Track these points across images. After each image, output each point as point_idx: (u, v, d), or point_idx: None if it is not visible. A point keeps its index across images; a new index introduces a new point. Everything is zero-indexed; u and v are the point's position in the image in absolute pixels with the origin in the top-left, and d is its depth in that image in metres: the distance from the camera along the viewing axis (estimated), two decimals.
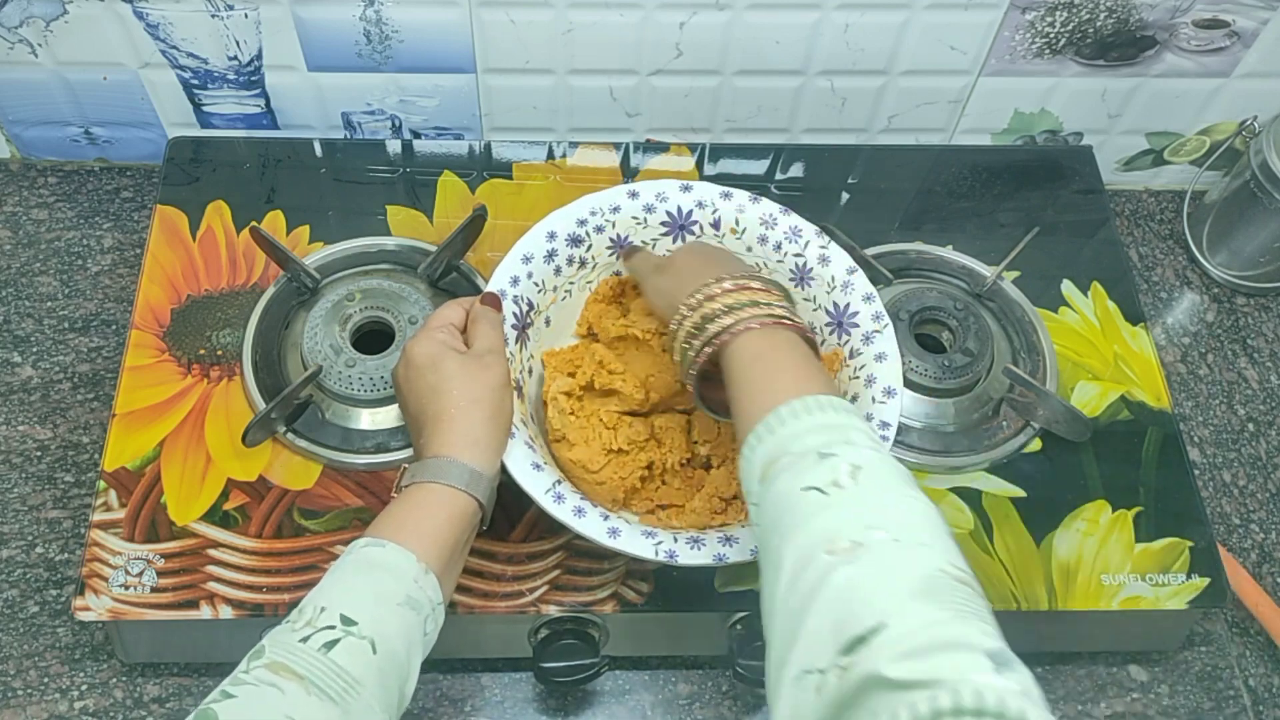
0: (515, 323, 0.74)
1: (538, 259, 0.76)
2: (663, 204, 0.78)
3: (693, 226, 0.78)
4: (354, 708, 0.54)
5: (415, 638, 0.59)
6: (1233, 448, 0.93)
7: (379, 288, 0.83)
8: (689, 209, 0.78)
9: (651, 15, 0.89)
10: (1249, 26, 0.91)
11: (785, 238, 0.78)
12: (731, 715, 0.80)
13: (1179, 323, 1.00)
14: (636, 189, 0.78)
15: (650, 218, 0.78)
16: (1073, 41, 0.92)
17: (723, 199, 0.78)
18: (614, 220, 0.78)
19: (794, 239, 0.77)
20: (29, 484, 0.85)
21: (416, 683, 0.59)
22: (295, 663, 0.54)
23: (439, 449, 0.64)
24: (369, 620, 0.57)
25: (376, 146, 0.95)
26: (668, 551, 0.66)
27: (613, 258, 0.79)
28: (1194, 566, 0.78)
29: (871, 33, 0.91)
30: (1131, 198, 1.07)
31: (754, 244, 0.78)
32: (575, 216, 0.77)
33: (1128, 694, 0.82)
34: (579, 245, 0.77)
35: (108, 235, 0.98)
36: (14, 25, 0.89)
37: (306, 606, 0.58)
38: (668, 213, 0.78)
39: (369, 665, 0.56)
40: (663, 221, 0.78)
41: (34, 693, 0.77)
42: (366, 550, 0.60)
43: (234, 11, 0.88)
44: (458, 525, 0.62)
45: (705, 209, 0.78)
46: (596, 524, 0.66)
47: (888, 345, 0.74)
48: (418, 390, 0.67)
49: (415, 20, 0.89)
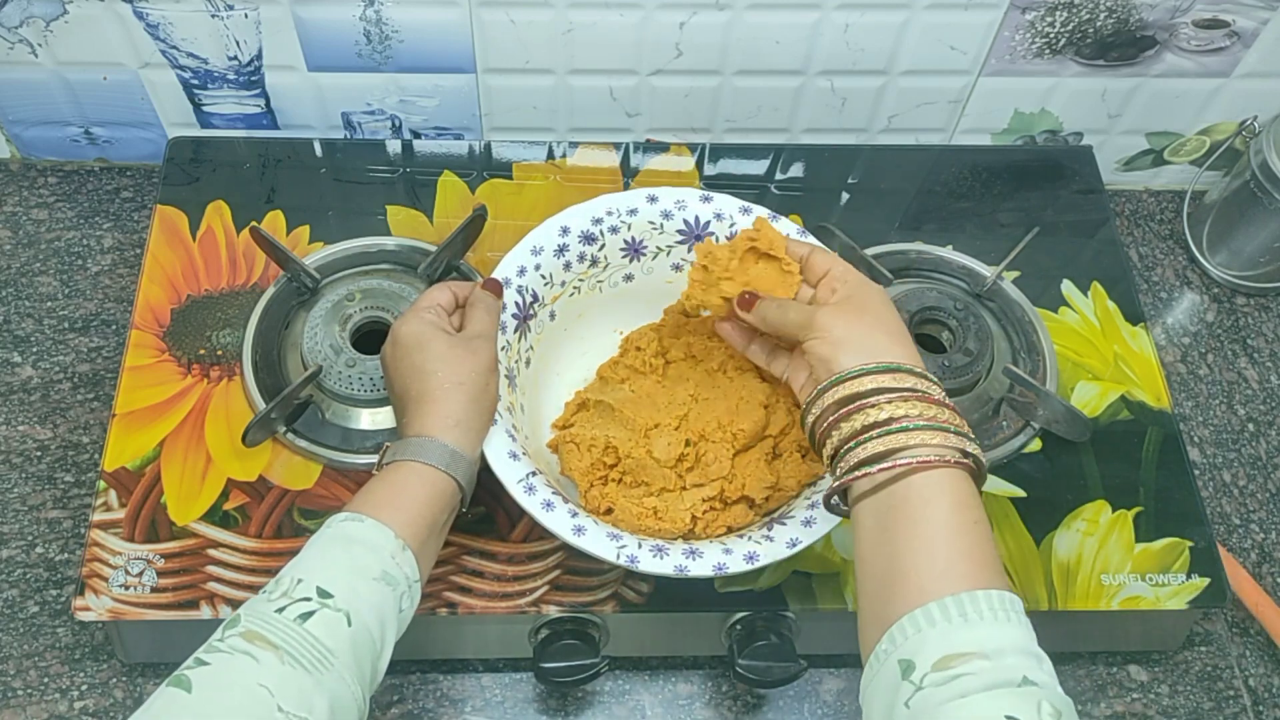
0: (517, 312, 0.74)
1: (548, 252, 0.76)
2: (681, 211, 0.78)
3: (709, 238, 0.78)
4: (327, 679, 0.55)
5: (390, 613, 0.59)
6: (1233, 448, 0.93)
7: (379, 288, 0.83)
8: (707, 219, 0.78)
9: (651, 15, 0.89)
10: (1249, 26, 0.91)
11: None
12: (731, 715, 0.80)
13: (1179, 323, 1.00)
14: (656, 194, 0.78)
15: (667, 224, 0.78)
16: (1073, 41, 0.92)
17: (742, 214, 0.77)
18: (630, 222, 0.77)
19: None
20: (29, 484, 0.85)
21: (390, 660, 0.60)
22: (270, 632, 0.55)
23: (421, 428, 0.64)
24: (344, 593, 0.57)
25: (376, 146, 0.95)
26: (629, 556, 0.65)
27: (624, 259, 0.79)
28: (1194, 566, 0.78)
29: (871, 33, 0.91)
30: (1131, 198, 1.07)
31: None
32: (591, 214, 0.77)
33: (1128, 694, 0.82)
34: (592, 243, 0.77)
35: (108, 235, 0.98)
36: (14, 25, 0.89)
37: (283, 578, 0.58)
38: (685, 221, 0.78)
39: (343, 637, 0.56)
40: (679, 229, 0.78)
41: (34, 693, 0.77)
42: (344, 525, 0.61)
43: (234, 11, 0.88)
44: (436, 504, 0.63)
45: (723, 221, 0.78)
46: (563, 520, 0.66)
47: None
48: (403, 370, 0.67)
49: (415, 20, 0.89)
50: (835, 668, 0.81)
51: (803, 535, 0.67)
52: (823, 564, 0.76)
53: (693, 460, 0.72)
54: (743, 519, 0.72)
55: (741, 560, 0.66)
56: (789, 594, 0.75)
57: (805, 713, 0.80)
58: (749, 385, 0.74)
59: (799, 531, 0.67)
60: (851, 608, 0.74)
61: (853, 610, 0.74)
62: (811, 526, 0.68)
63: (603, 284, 0.79)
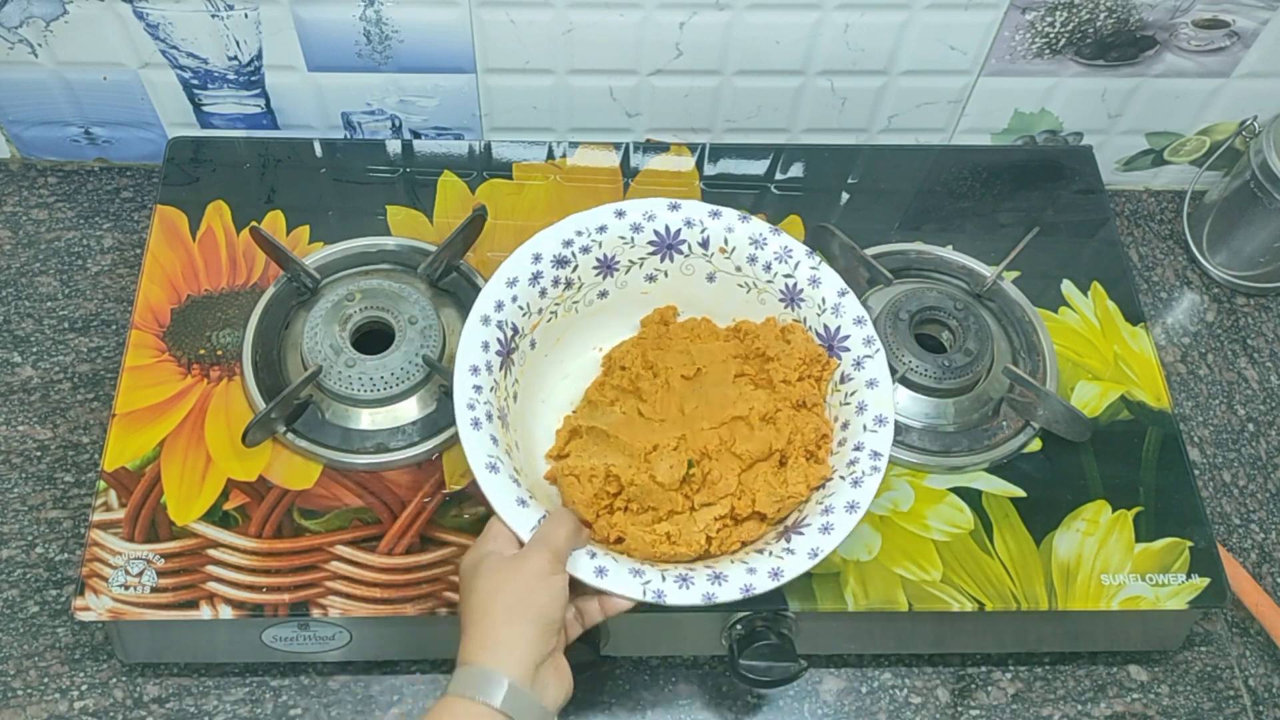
0: (500, 349, 0.72)
1: (523, 282, 0.74)
2: (650, 223, 0.77)
3: (680, 246, 0.77)
4: None
5: None
6: (1233, 448, 0.93)
7: (379, 288, 0.83)
8: (677, 228, 0.77)
9: (651, 15, 0.89)
10: (1249, 26, 0.91)
11: (775, 258, 0.76)
12: (731, 715, 0.80)
13: (1179, 323, 1.00)
14: (623, 208, 0.77)
15: (638, 237, 0.77)
16: (1073, 41, 0.92)
17: (712, 218, 0.77)
18: (600, 240, 0.76)
19: (784, 259, 0.76)
20: (29, 484, 0.85)
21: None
22: None
23: (460, 656, 0.62)
24: None
25: (376, 146, 0.95)
26: (655, 592, 0.65)
27: (598, 277, 0.78)
28: (1194, 566, 0.78)
29: (871, 33, 0.91)
30: (1131, 198, 1.07)
31: (743, 263, 0.77)
32: (561, 237, 0.76)
33: (1128, 694, 0.82)
34: (565, 266, 0.76)
35: (108, 235, 0.98)
36: (14, 25, 0.89)
37: None
38: (655, 232, 0.77)
39: None
40: (650, 241, 0.77)
41: (34, 693, 0.77)
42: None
43: (234, 11, 0.88)
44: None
45: (694, 228, 0.77)
46: (583, 563, 0.65)
47: (879, 371, 0.73)
48: (460, 601, 0.65)
49: (415, 20, 0.89)
50: (835, 668, 0.81)
51: (822, 544, 0.67)
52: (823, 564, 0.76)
53: (700, 480, 0.71)
54: (756, 532, 0.71)
55: (767, 579, 0.65)
56: (789, 594, 0.75)
57: (805, 713, 0.80)
58: (744, 395, 0.73)
59: (818, 540, 0.67)
60: (851, 608, 0.74)
61: (853, 610, 0.74)
62: (830, 533, 0.67)
63: (578, 304, 0.78)
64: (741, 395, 0.73)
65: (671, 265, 0.78)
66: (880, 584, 0.75)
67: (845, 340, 0.74)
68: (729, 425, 0.72)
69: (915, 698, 0.81)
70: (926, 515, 0.78)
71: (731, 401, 0.72)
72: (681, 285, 0.79)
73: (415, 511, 0.77)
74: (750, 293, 0.78)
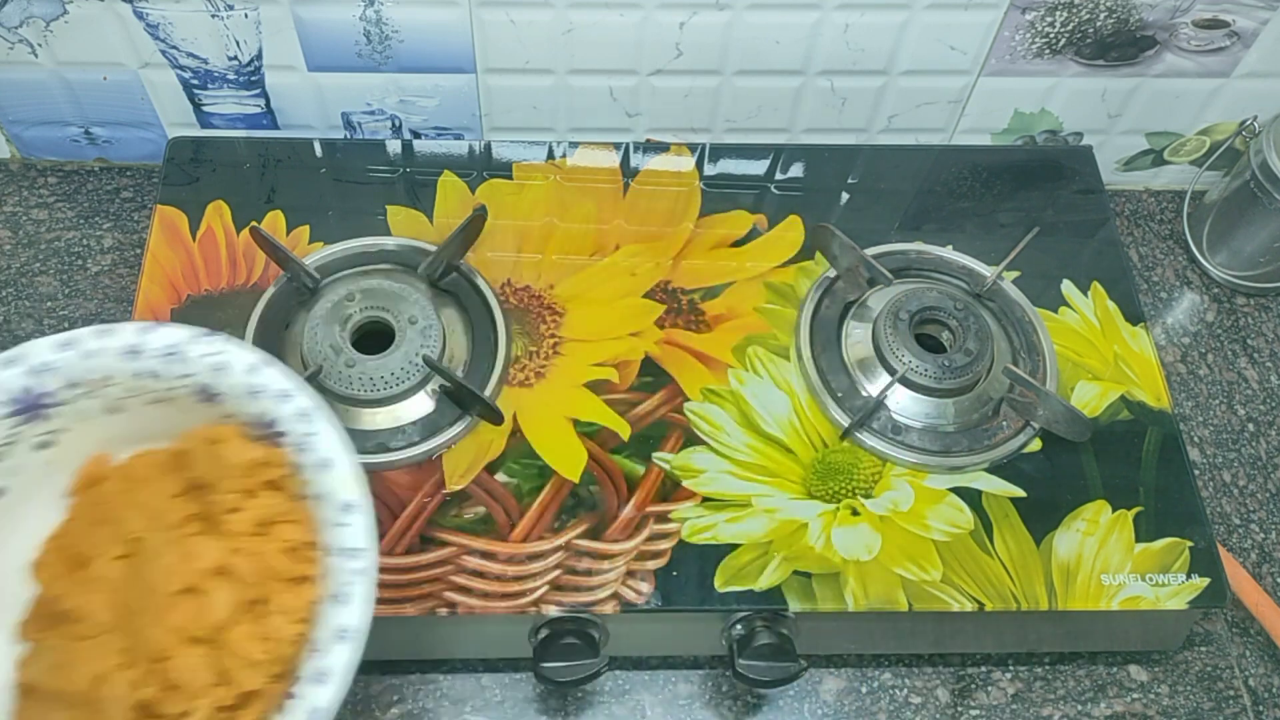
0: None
1: None
2: None
3: (46, 400, 0.60)
4: None
5: None
6: (1233, 448, 0.93)
7: (379, 288, 0.83)
8: (26, 385, 0.59)
9: (651, 15, 0.89)
10: (1249, 26, 0.91)
11: (160, 361, 0.61)
12: (731, 715, 0.80)
13: (1179, 323, 1.00)
14: None
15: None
16: (1073, 41, 0.93)
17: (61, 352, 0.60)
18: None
19: (172, 359, 0.61)
20: None
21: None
22: None
23: None
24: None
25: (376, 146, 0.95)
26: None
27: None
28: (1194, 566, 0.78)
29: (871, 33, 0.91)
30: (1131, 198, 1.07)
31: (129, 379, 0.62)
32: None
33: (1128, 694, 0.82)
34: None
35: (108, 235, 0.98)
36: (14, 25, 0.89)
37: None
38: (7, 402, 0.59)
39: None
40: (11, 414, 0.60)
41: None
42: None
43: (234, 11, 0.88)
44: None
45: (45, 374, 0.60)
46: None
47: (328, 447, 0.59)
48: None
49: (415, 20, 0.89)
50: (835, 668, 0.82)
51: (320, 698, 0.53)
52: (823, 564, 0.76)
53: (163, 694, 0.54)
54: (273, 703, 0.55)
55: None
56: (789, 594, 0.75)
57: (805, 713, 0.80)
58: (190, 553, 0.57)
59: (316, 696, 0.53)
60: (851, 608, 0.74)
61: (853, 610, 0.74)
62: (326, 682, 0.53)
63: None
64: (187, 554, 0.57)
65: (59, 420, 0.62)
66: (880, 584, 0.75)
67: (274, 425, 0.60)
68: (180, 604, 0.56)
69: (915, 698, 0.81)
70: (926, 515, 0.78)
71: (176, 572, 0.57)
72: (90, 432, 0.63)
73: (415, 511, 0.77)
74: (170, 405, 0.63)
